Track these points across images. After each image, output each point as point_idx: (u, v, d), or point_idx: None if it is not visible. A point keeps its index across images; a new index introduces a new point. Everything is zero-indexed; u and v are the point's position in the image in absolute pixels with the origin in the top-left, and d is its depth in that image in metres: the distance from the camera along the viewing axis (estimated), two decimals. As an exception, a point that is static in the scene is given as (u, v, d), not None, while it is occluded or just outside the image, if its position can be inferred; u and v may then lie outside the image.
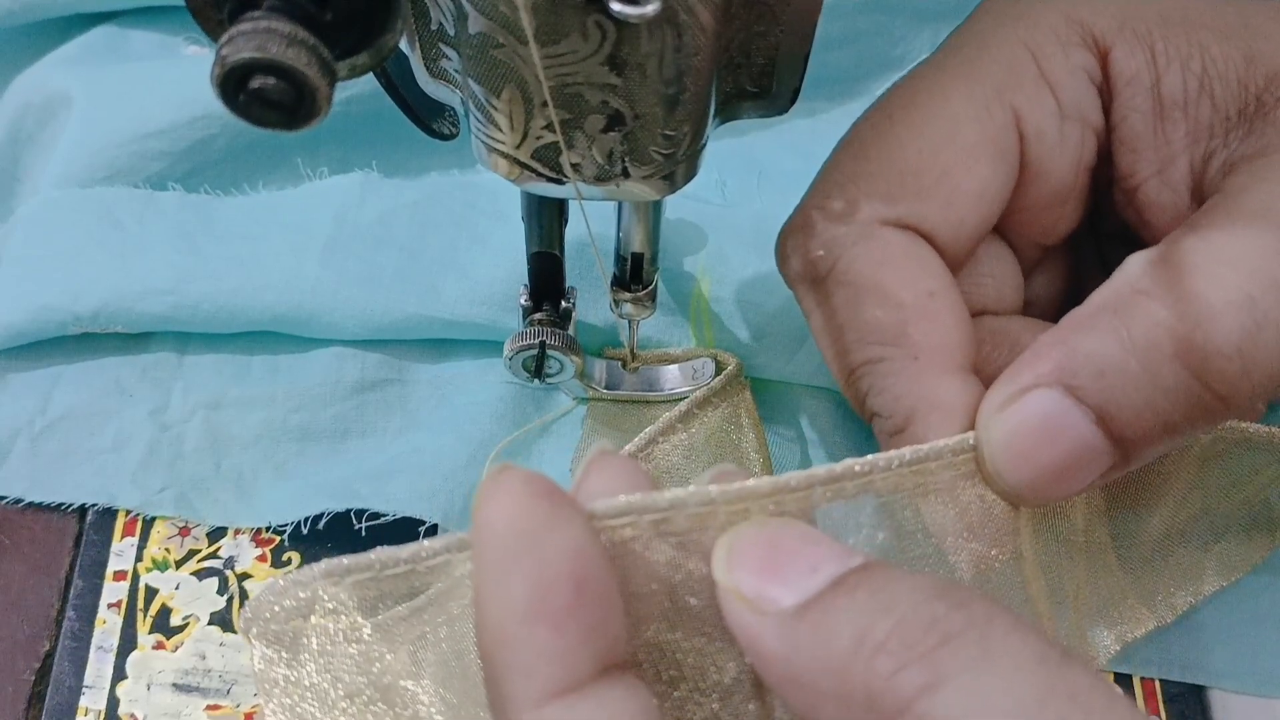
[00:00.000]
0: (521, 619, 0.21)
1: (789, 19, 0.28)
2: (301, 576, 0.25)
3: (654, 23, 0.24)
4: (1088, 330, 0.27)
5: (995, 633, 0.20)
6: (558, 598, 0.21)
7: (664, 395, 0.42)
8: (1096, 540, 0.37)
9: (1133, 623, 0.38)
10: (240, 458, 0.42)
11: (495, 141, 0.28)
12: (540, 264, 0.37)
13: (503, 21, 0.24)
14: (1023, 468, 0.27)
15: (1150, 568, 0.38)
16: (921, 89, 0.31)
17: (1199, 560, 0.39)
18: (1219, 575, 0.39)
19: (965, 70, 0.31)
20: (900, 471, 0.26)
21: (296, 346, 0.43)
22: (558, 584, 0.22)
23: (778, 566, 0.23)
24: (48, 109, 0.47)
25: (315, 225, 0.44)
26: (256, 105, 0.21)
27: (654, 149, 0.27)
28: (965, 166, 0.30)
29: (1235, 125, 0.30)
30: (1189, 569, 0.39)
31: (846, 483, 0.25)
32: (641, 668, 0.24)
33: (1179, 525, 0.38)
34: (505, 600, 0.22)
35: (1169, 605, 0.38)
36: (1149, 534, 0.38)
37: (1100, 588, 0.37)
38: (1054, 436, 0.27)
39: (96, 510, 0.41)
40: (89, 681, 0.38)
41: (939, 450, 0.27)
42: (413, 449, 0.42)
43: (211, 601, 0.40)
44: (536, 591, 0.21)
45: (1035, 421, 0.27)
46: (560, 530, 0.22)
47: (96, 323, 0.42)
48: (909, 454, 0.27)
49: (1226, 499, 0.38)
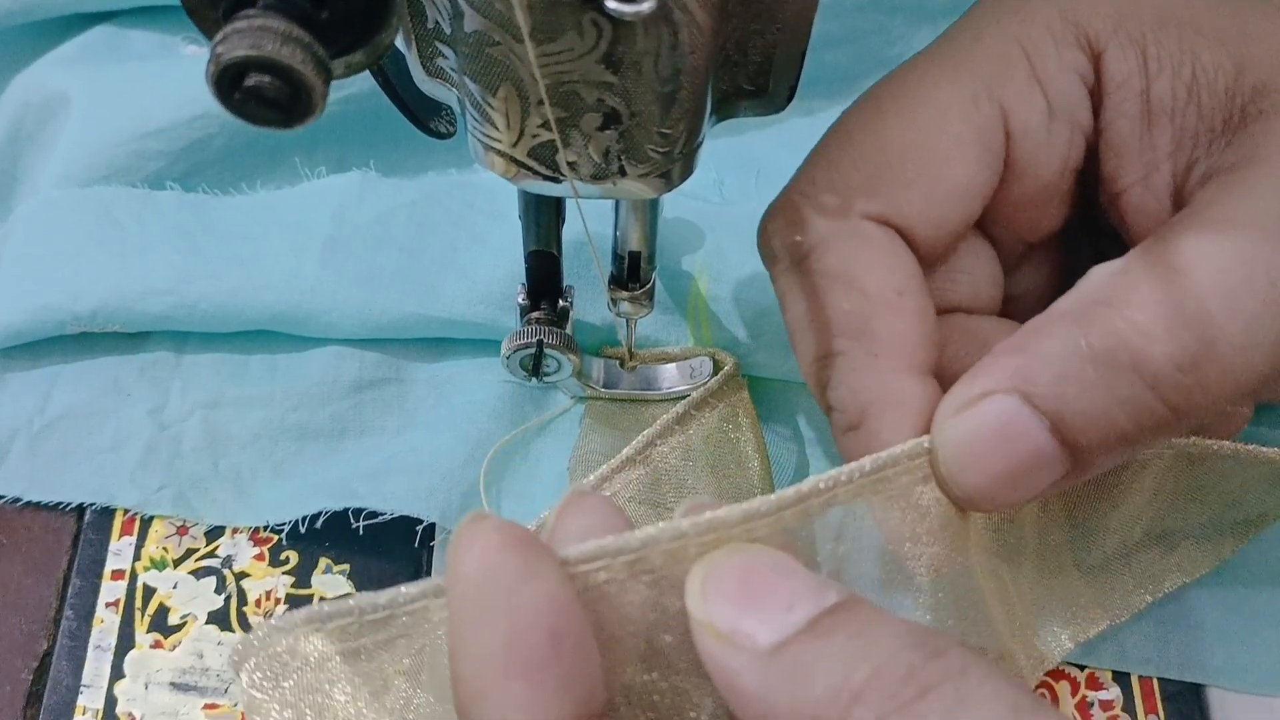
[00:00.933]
0: (497, 673, 0.21)
1: (786, 17, 0.28)
2: (283, 623, 0.24)
3: (650, 20, 0.24)
4: (1047, 337, 0.27)
5: (970, 683, 0.21)
6: (533, 650, 0.21)
7: (662, 394, 0.42)
8: (1052, 543, 0.37)
9: (1087, 623, 0.38)
10: (238, 457, 0.42)
11: (492, 140, 0.28)
12: (538, 263, 0.37)
13: (499, 19, 0.24)
14: (977, 472, 0.27)
15: (1108, 570, 0.38)
16: (911, 79, 0.31)
17: (1161, 563, 0.38)
18: (1181, 574, 0.39)
19: (956, 63, 0.30)
20: (862, 482, 0.26)
21: (295, 346, 0.43)
22: (533, 636, 0.21)
23: (752, 599, 0.22)
24: (47, 108, 0.47)
25: (314, 225, 0.44)
26: (252, 103, 0.21)
27: (650, 147, 0.27)
28: (949, 159, 0.30)
29: (1219, 135, 0.29)
30: (1151, 572, 0.38)
31: (813, 500, 0.25)
32: (618, 711, 0.24)
33: (1141, 531, 0.38)
34: (480, 653, 0.21)
35: (1126, 605, 0.38)
36: (1110, 539, 0.38)
37: (1055, 588, 0.37)
38: (1009, 442, 0.27)
39: (94, 509, 0.41)
40: (87, 680, 0.38)
41: (896, 456, 0.27)
42: (410, 448, 0.42)
43: (209, 600, 0.40)
44: (511, 644, 0.21)
45: (991, 427, 0.27)
46: (534, 581, 0.22)
47: (95, 322, 0.42)
48: (869, 464, 0.27)
49: (1192, 506, 0.37)
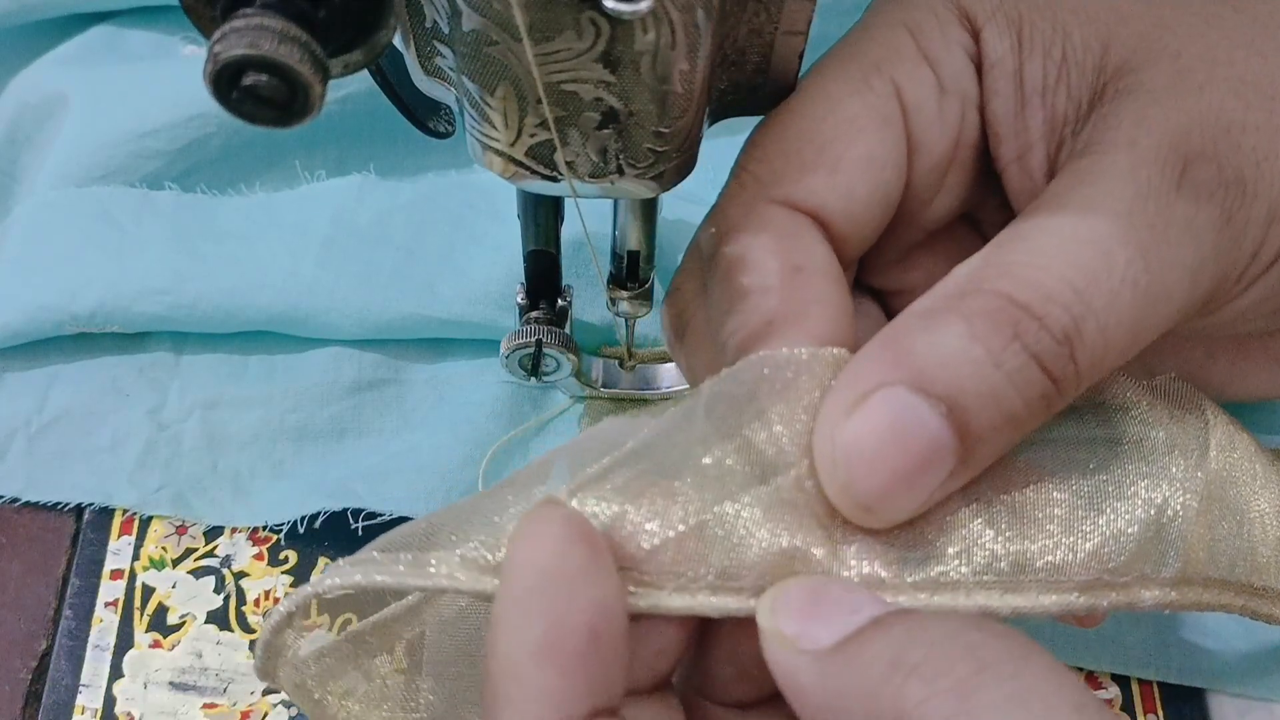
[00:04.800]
0: (533, 656, 0.22)
1: (784, 17, 0.28)
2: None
3: (648, 19, 0.24)
4: (930, 323, 0.26)
5: (1033, 669, 0.21)
6: (573, 645, 0.22)
7: (661, 393, 0.42)
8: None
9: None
10: (237, 457, 0.42)
11: (490, 139, 0.28)
12: (537, 262, 0.37)
13: (497, 19, 0.24)
14: (876, 473, 0.25)
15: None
16: (810, 77, 0.31)
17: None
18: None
19: (847, 53, 0.31)
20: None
21: (293, 346, 0.43)
22: (576, 632, 0.22)
23: (819, 610, 0.24)
24: (45, 109, 0.47)
25: (312, 225, 0.44)
26: (249, 102, 0.21)
27: (648, 146, 0.27)
28: (848, 135, 0.29)
29: (1085, 116, 0.29)
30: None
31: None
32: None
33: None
34: (522, 635, 0.22)
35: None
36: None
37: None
38: (905, 436, 0.25)
39: (93, 509, 0.41)
40: (86, 680, 0.38)
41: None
42: (409, 448, 0.42)
43: (208, 600, 0.40)
44: (553, 634, 0.22)
45: (886, 421, 0.25)
46: (590, 584, 0.23)
47: (93, 322, 0.42)
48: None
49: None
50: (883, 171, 0.30)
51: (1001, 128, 0.30)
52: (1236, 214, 0.28)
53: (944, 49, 0.30)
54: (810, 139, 0.30)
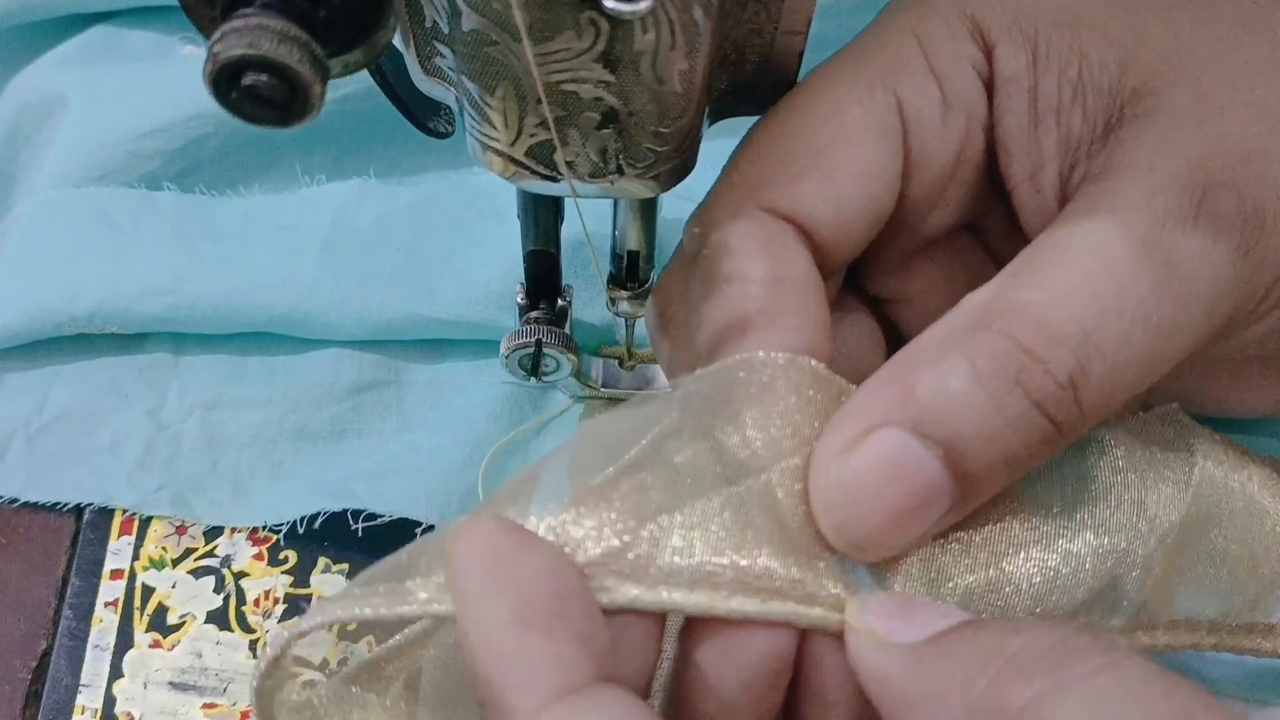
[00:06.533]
0: (512, 632, 0.22)
1: (784, 17, 0.28)
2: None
3: (647, 19, 0.24)
4: (930, 363, 0.26)
5: (1130, 666, 0.21)
6: (542, 606, 0.23)
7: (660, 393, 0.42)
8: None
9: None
10: (237, 458, 0.42)
11: (490, 139, 0.28)
12: (536, 262, 0.37)
13: (496, 19, 0.24)
14: (871, 514, 0.26)
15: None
16: (814, 79, 0.30)
17: None
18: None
19: (853, 58, 0.30)
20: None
21: (293, 347, 0.43)
22: (540, 596, 0.23)
23: (911, 614, 0.24)
24: (44, 109, 0.47)
25: (312, 226, 0.44)
26: (249, 102, 0.21)
27: (648, 146, 0.27)
28: (844, 144, 0.29)
29: (1100, 138, 0.29)
30: None
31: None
32: None
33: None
34: (492, 620, 0.23)
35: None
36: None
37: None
38: (902, 478, 0.25)
39: (93, 509, 0.41)
40: (86, 680, 0.38)
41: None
42: (409, 449, 0.42)
43: (208, 600, 0.40)
44: (520, 604, 0.23)
45: (882, 462, 0.26)
46: (532, 553, 0.24)
47: (92, 323, 0.42)
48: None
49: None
50: (876, 184, 0.30)
51: (1013, 145, 0.30)
52: (1255, 247, 0.27)
53: (952, 63, 0.30)
54: (806, 144, 0.29)
